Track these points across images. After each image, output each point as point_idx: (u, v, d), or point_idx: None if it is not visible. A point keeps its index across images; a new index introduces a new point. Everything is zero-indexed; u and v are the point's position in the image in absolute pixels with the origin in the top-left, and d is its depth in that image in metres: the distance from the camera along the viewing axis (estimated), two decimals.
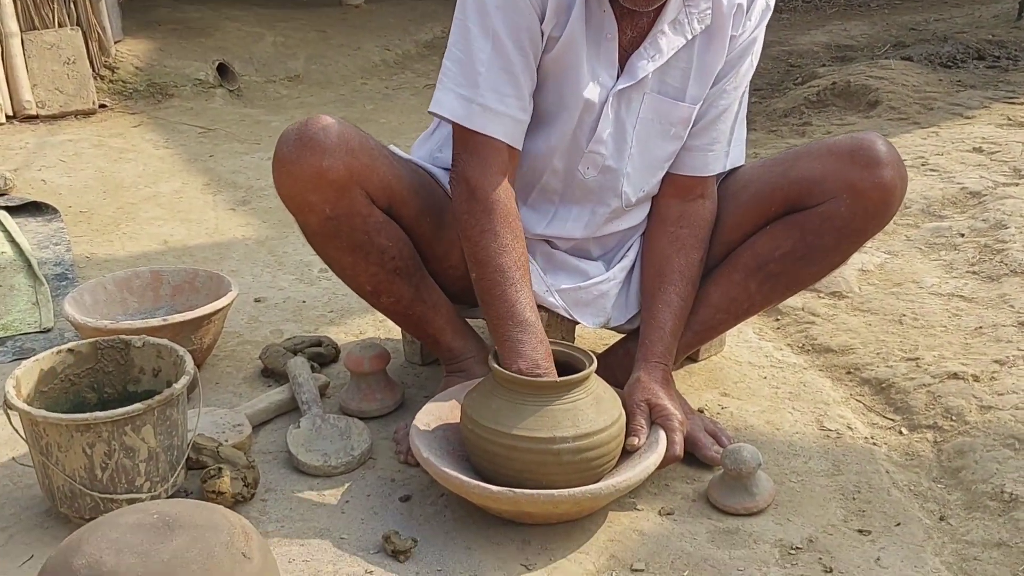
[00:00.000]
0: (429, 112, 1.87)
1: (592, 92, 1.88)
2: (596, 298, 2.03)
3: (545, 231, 2.01)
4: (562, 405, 1.71)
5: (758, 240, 1.99)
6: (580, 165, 1.95)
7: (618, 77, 1.90)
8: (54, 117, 4.40)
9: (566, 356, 1.81)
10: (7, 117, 4.32)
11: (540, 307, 1.92)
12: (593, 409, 1.72)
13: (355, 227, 1.87)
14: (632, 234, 2.08)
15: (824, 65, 5.20)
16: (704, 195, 2.03)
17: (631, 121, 1.93)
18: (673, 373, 2.01)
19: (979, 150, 3.51)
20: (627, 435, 1.79)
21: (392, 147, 2.06)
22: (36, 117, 4.37)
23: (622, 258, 2.07)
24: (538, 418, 1.70)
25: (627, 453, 1.79)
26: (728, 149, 2.02)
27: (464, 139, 1.84)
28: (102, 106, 4.58)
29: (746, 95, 2.03)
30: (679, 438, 1.82)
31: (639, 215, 2.06)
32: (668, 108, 1.94)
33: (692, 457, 1.93)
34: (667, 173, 2.02)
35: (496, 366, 1.75)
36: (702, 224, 2.01)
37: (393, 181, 1.90)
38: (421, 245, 1.98)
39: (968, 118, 3.98)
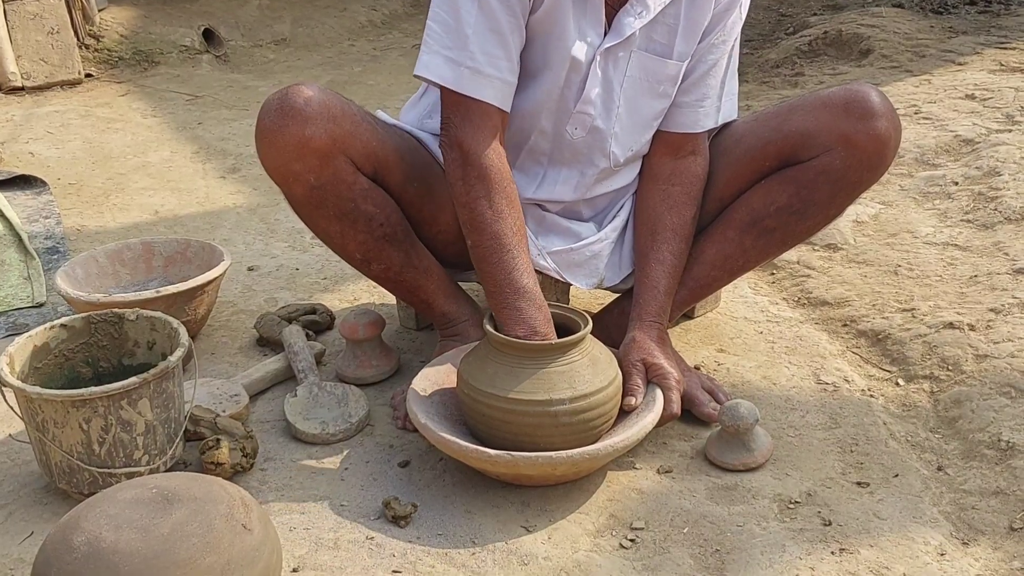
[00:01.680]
0: (415, 76, 1.85)
1: (579, 51, 1.86)
2: (588, 259, 2.02)
3: (535, 194, 2.00)
4: (558, 367, 1.71)
5: (752, 196, 1.98)
6: (568, 125, 1.94)
7: (605, 35, 1.88)
8: (40, 88, 4.36)
9: (561, 318, 1.81)
10: None
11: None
12: (589, 370, 1.72)
13: (341, 195, 1.86)
14: (623, 194, 2.07)
15: (815, 14, 5.15)
16: (696, 151, 2.01)
17: (618, 79, 1.92)
18: (669, 331, 2.01)
19: (972, 97, 3.49)
20: (624, 395, 1.79)
21: (379, 112, 2.04)
22: (21, 89, 4.32)
23: (614, 218, 2.06)
24: (534, 381, 1.70)
25: (624, 413, 1.79)
26: (719, 104, 2.00)
27: (454, 103, 1.82)
28: (88, 76, 4.54)
29: (736, 48, 2.01)
30: (676, 396, 1.82)
31: (629, 175, 2.05)
32: (656, 66, 1.92)
33: (689, 415, 1.93)
34: (658, 131, 2.00)
35: (491, 330, 1.75)
36: (694, 181, 2.00)
37: (377, 147, 1.89)
38: (410, 211, 1.97)
39: (960, 65, 3.95)
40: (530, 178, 2.00)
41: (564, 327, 1.79)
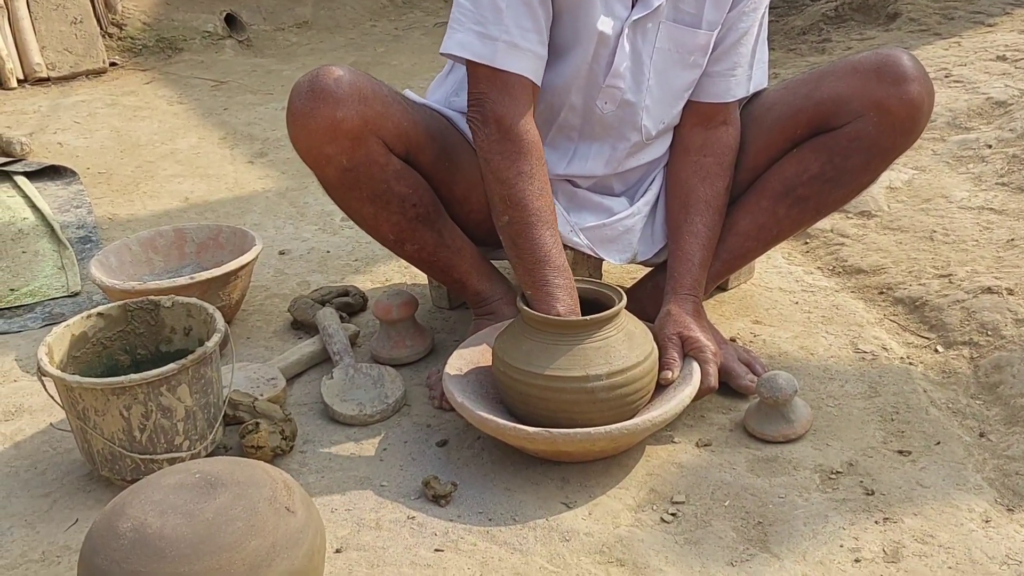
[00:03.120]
0: (443, 54, 1.83)
1: (606, 24, 1.84)
2: (621, 234, 2.01)
3: (566, 170, 1.98)
4: (594, 343, 1.70)
5: (785, 164, 1.96)
6: (598, 100, 1.92)
7: (632, 7, 1.86)
8: (65, 78, 4.38)
9: (595, 293, 1.80)
10: (18, 81, 4.30)
11: (564, 246, 1.90)
12: (625, 345, 1.71)
13: (373, 176, 1.85)
14: (655, 167, 2.05)
15: None
16: (727, 121, 1.99)
17: (647, 52, 1.90)
18: (703, 303, 1.99)
19: (1003, 58, 3.43)
20: (660, 369, 1.78)
21: (407, 91, 2.03)
22: (47, 79, 4.35)
23: (645, 192, 2.04)
24: (570, 357, 1.69)
25: (661, 387, 1.79)
26: (750, 72, 1.98)
27: (489, 78, 1.80)
28: (112, 64, 4.56)
29: (766, 15, 1.98)
30: (713, 369, 1.81)
31: (660, 148, 2.03)
32: (685, 36, 1.90)
33: (727, 387, 1.92)
34: (689, 101, 1.98)
35: (526, 307, 1.74)
36: (726, 151, 1.98)
37: (408, 127, 1.88)
38: (441, 190, 1.96)
39: (990, 26, 3.89)
40: (561, 154, 1.99)
41: (598, 302, 1.78)
